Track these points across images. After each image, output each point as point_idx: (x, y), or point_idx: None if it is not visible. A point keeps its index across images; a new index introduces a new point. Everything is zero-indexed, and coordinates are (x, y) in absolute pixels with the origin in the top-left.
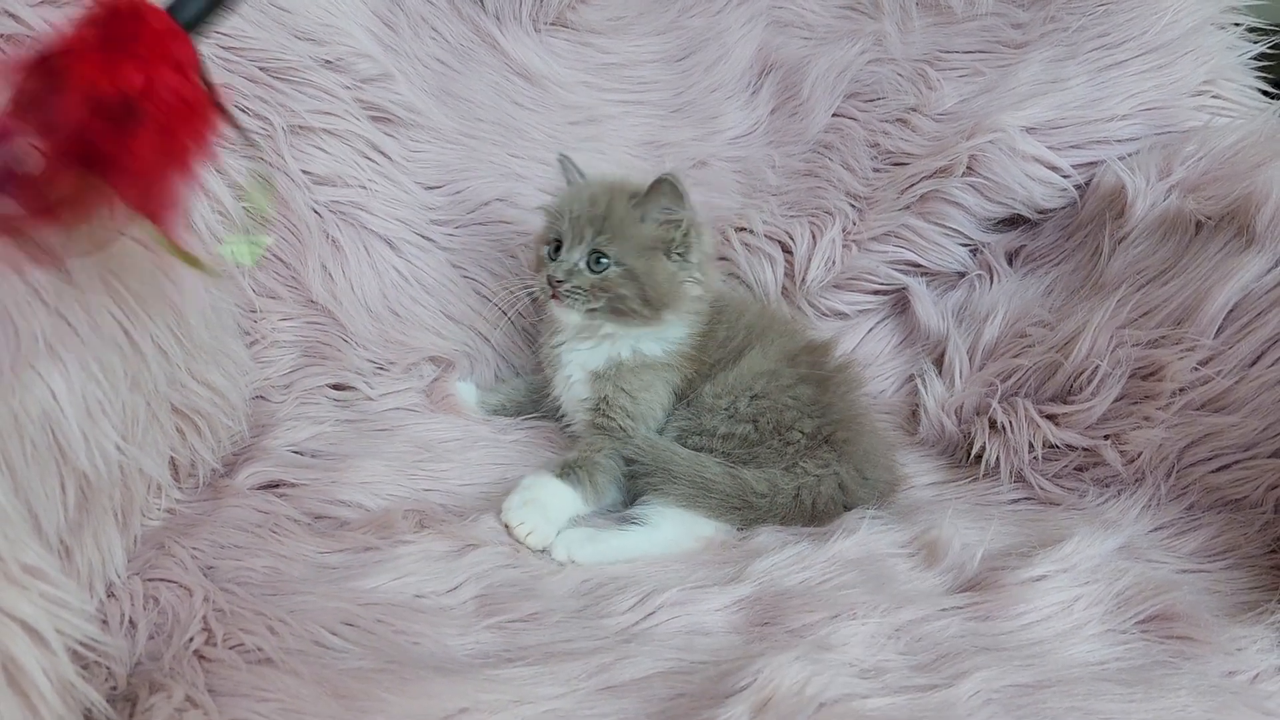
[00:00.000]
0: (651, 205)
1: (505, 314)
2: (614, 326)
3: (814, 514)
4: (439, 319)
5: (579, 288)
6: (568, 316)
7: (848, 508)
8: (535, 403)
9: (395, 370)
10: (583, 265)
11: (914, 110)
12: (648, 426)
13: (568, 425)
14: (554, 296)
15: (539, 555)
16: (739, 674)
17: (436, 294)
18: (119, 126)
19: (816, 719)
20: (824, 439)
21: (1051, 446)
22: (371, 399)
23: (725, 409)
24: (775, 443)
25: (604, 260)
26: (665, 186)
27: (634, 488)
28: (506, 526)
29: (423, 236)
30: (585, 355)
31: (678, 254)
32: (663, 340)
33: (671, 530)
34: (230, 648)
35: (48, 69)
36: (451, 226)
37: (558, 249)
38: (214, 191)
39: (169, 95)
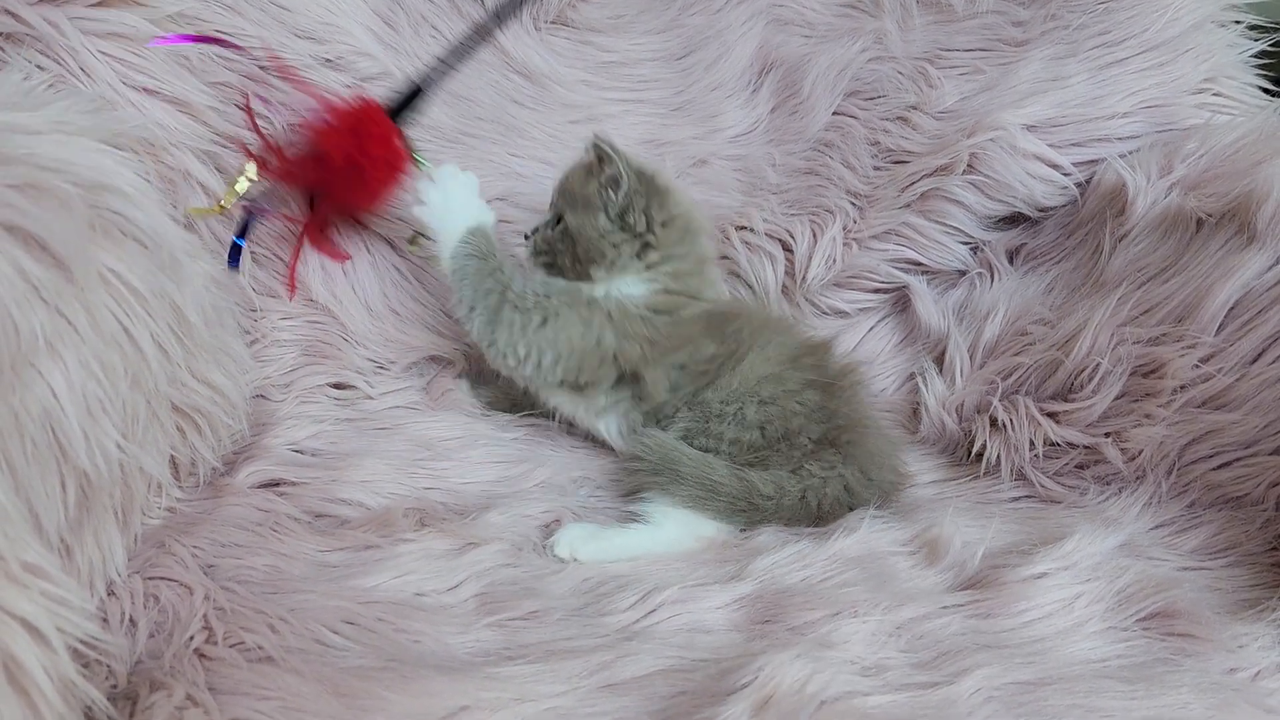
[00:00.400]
0: (597, 172)
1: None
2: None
3: (819, 515)
4: (439, 318)
5: (535, 243)
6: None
7: (852, 509)
8: (532, 396)
9: (395, 369)
10: (550, 221)
11: (915, 108)
12: (537, 358)
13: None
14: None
15: (540, 554)
16: (740, 672)
17: (437, 293)
18: (351, 174)
19: (817, 717)
20: (829, 442)
21: (1052, 444)
22: (371, 398)
23: (733, 415)
24: (783, 447)
25: (560, 222)
26: (598, 150)
27: (637, 484)
28: None
29: (422, 235)
30: None
31: (617, 216)
32: (606, 289)
33: (674, 530)
34: (231, 646)
35: (313, 142)
36: None
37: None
38: (214, 192)
39: (379, 157)
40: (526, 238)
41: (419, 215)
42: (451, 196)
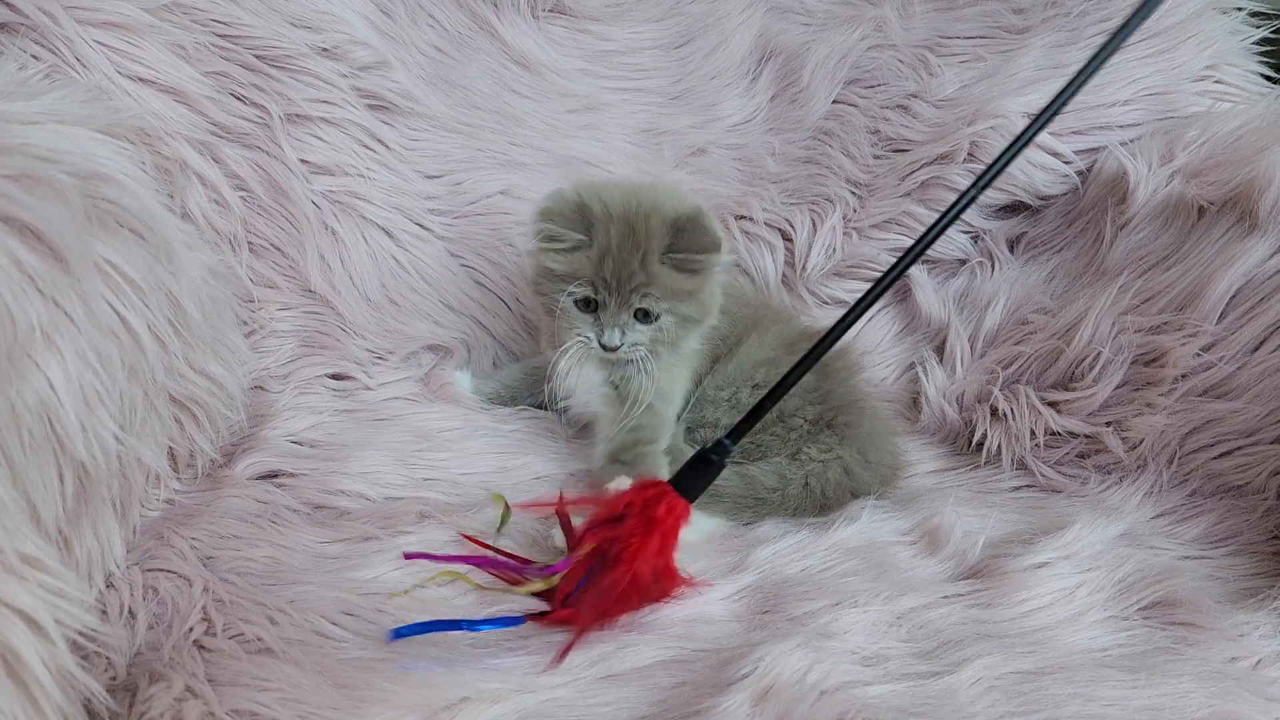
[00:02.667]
0: (688, 254)
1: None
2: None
3: (824, 501)
4: (437, 308)
5: (638, 344)
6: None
7: (854, 493)
8: (532, 390)
9: (394, 359)
10: (631, 320)
11: (915, 96)
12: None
13: (568, 411)
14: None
15: (541, 549)
16: (740, 662)
17: (435, 283)
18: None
19: (818, 707)
20: (825, 424)
21: (1053, 433)
22: (370, 388)
23: (727, 400)
24: (779, 429)
25: (651, 315)
26: (698, 238)
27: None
28: None
29: (421, 226)
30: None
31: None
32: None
33: None
34: (230, 638)
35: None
36: (450, 216)
37: (587, 304)
38: (211, 181)
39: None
40: (604, 347)
41: None
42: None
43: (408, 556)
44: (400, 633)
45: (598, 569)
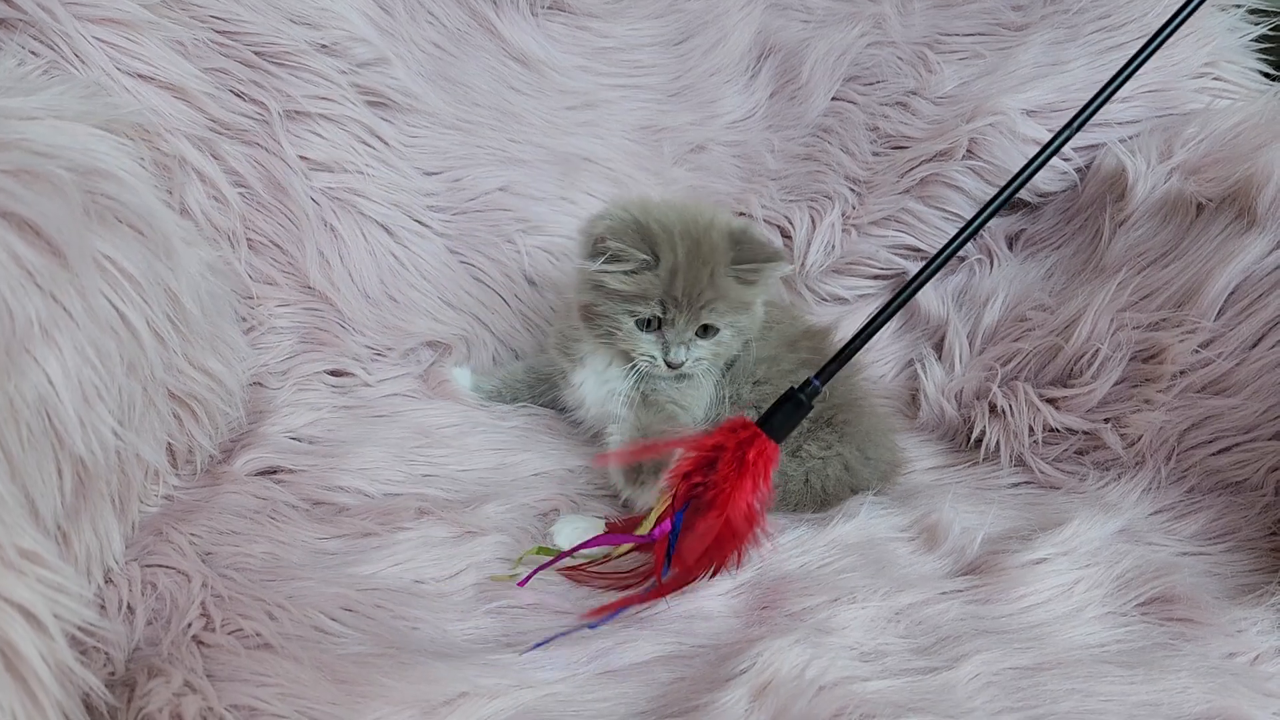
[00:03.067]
0: (750, 262)
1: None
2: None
3: (824, 497)
4: (436, 305)
5: (701, 359)
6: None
7: (854, 490)
8: (533, 389)
9: (393, 356)
10: (693, 337)
11: (914, 93)
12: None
13: (574, 418)
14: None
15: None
16: (739, 658)
17: (434, 280)
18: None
19: (816, 702)
20: (825, 421)
21: (1052, 430)
22: (369, 385)
23: (729, 397)
24: None
25: (711, 330)
26: (759, 249)
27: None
28: None
29: (420, 222)
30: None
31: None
32: None
33: None
34: (229, 633)
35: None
36: (449, 213)
37: (648, 323)
38: (210, 178)
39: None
40: (679, 364)
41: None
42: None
43: (521, 584)
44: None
45: (691, 515)
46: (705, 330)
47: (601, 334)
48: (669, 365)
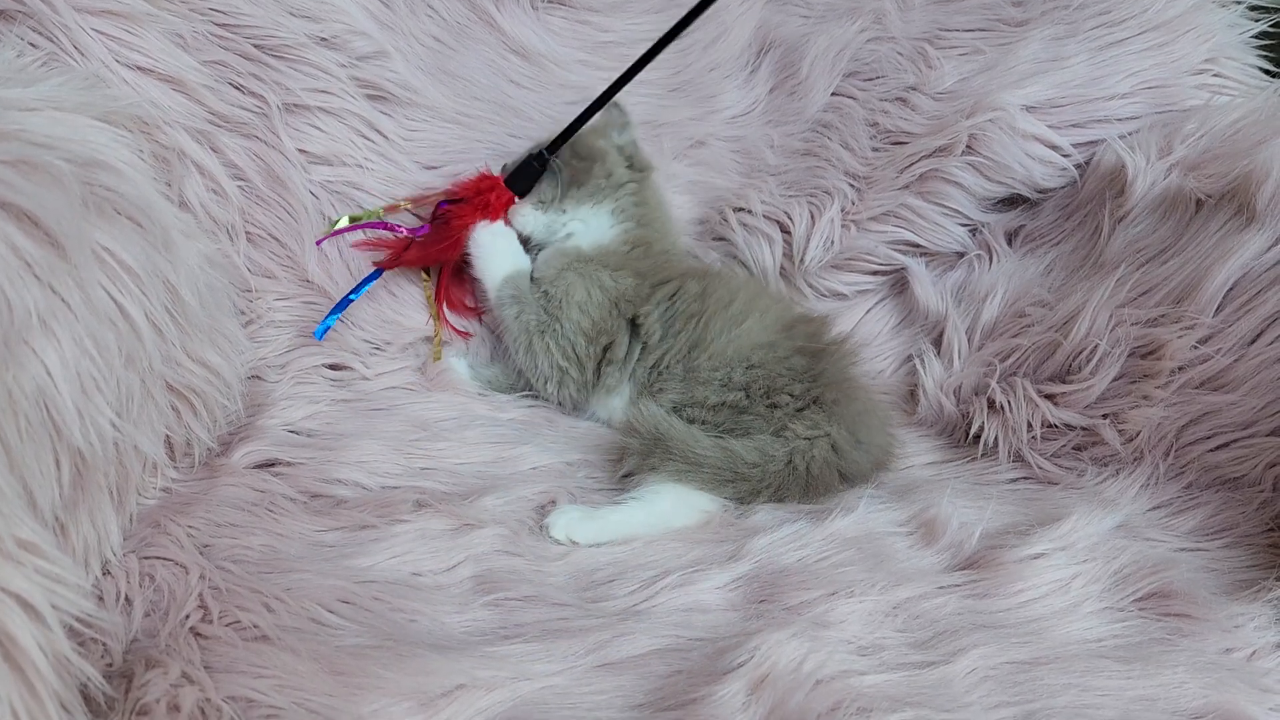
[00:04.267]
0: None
1: None
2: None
3: (809, 481)
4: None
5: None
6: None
7: (843, 474)
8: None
9: (391, 350)
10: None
11: (913, 89)
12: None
13: None
14: None
15: (536, 535)
16: (736, 651)
17: (432, 274)
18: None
19: (813, 695)
20: (812, 400)
21: (1050, 426)
22: (367, 378)
23: (720, 380)
24: (762, 408)
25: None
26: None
27: (630, 468)
28: None
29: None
30: None
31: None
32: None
33: (669, 504)
34: (226, 625)
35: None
36: None
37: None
38: (209, 170)
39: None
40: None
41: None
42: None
43: (319, 242)
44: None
45: (434, 230)
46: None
47: None
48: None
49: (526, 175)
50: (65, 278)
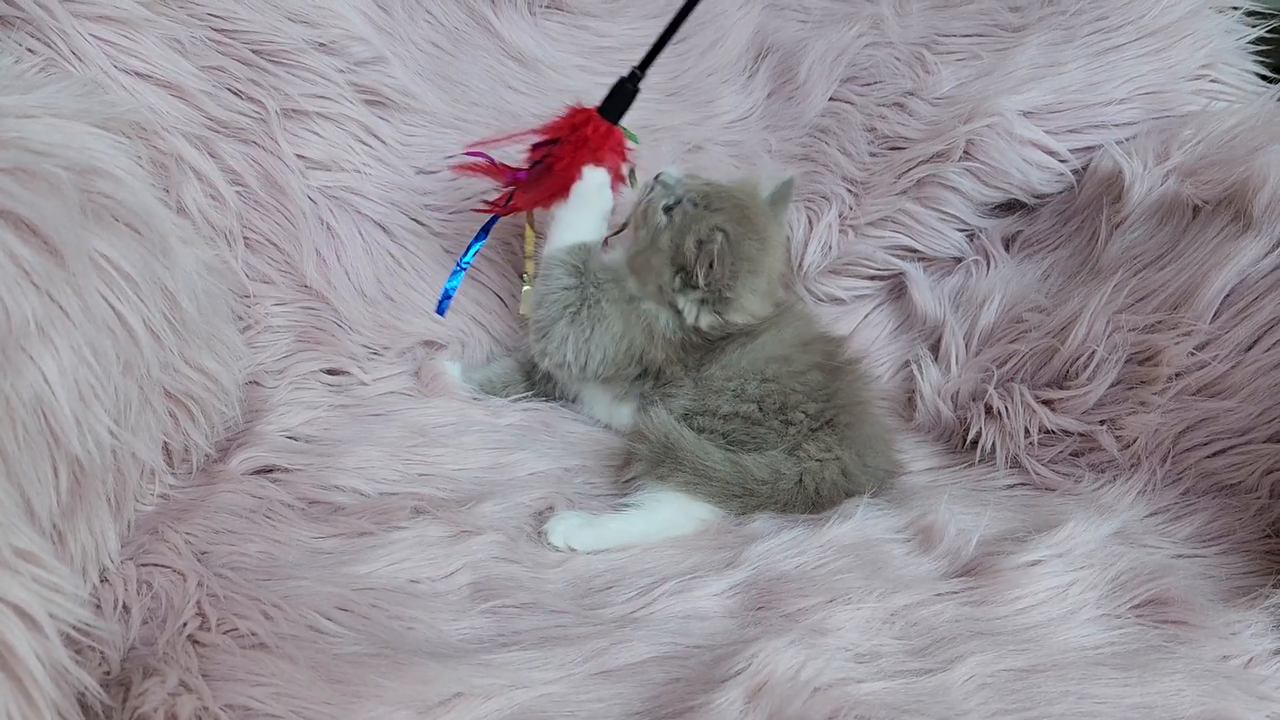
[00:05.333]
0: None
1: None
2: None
3: (817, 500)
4: (433, 304)
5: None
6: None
7: (849, 495)
8: (528, 376)
9: (389, 355)
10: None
11: (911, 94)
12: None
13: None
14: None
15: (534, 542)
16: (734, 659)
17: (430, 279)
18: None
19: (811, 703)
20: (826, 422)
21: (1047, 432)
22: (365, 384)
23: (733, 390)
24: (776, 423)
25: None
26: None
27: (636, 472)
28: None
29: (416, 221)
30: None
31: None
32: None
33: (669, 513)
34: (224, 633)
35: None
36: (446, 212)
37: None
38: (207, 176)
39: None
40: (668, 210)
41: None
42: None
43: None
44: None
45: (537, 174)
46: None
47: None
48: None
49: (621, 100)
50: (63, 285)
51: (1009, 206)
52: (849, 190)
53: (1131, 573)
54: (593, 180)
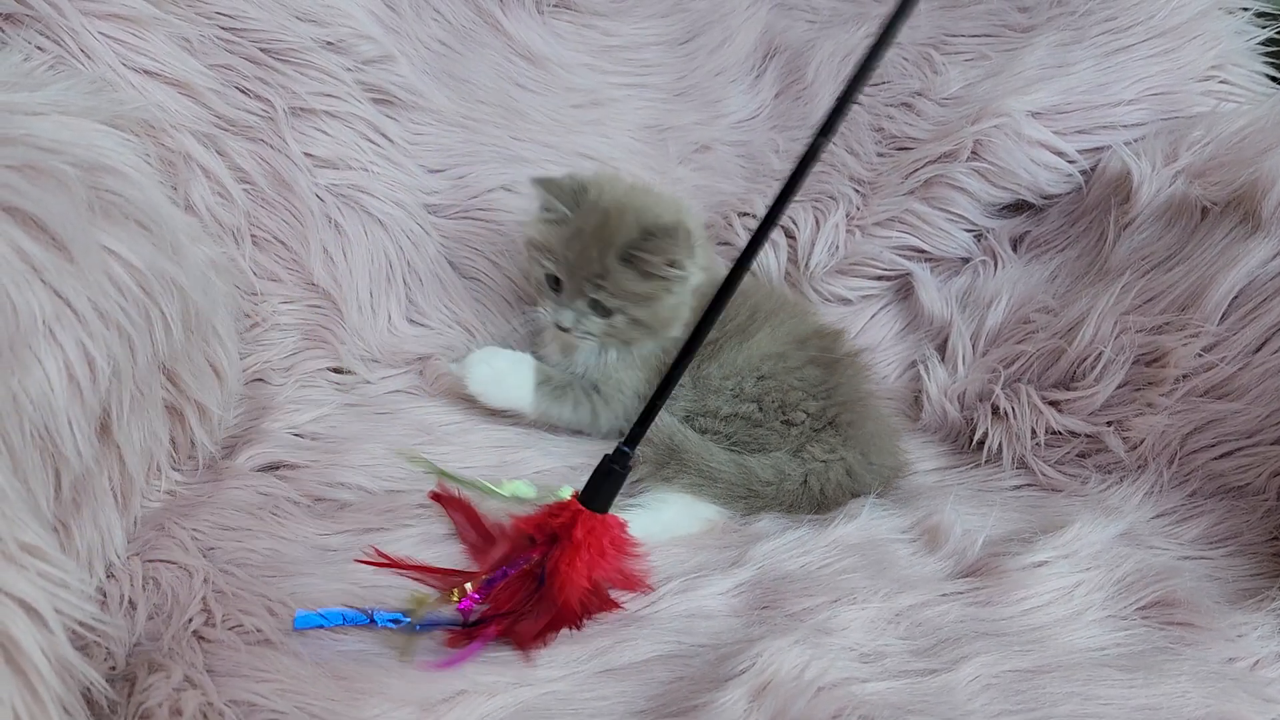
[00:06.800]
0: (647, 259)
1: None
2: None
3: (823, 501)
4: (437, 302)
5: (589, 333)
6: (580, 348)
7: (854, 494)
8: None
9: (394, 360)
10: (586, 309)
11: (919, 94)
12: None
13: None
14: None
15: None
16: (738, 658)
17: (437, 276)
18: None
19: (815, 703)
20: (829, 421)
21: (1054, 433)
22: (371, 382)
23: (731, 390)
24: (778, 424)
25: (607, 310)
26: (662, 246)
27: (642, 474)
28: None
29: (423, 219)
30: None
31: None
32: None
33: (674, 513)
34: (229, 629)
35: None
36: (452, 210)
37: (557, 284)
38: (215, 174)
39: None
40: (559, 327)
41: (476, 394)
42: (500, 370)
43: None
44: (302, 621)
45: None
46: (598, 308)
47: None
48: (557, 325)
49: (609, 488)
50: (71, 281)
51: (1017, 207)
52: (856, 190)
53: (1138, 574)
54: (482, 364)
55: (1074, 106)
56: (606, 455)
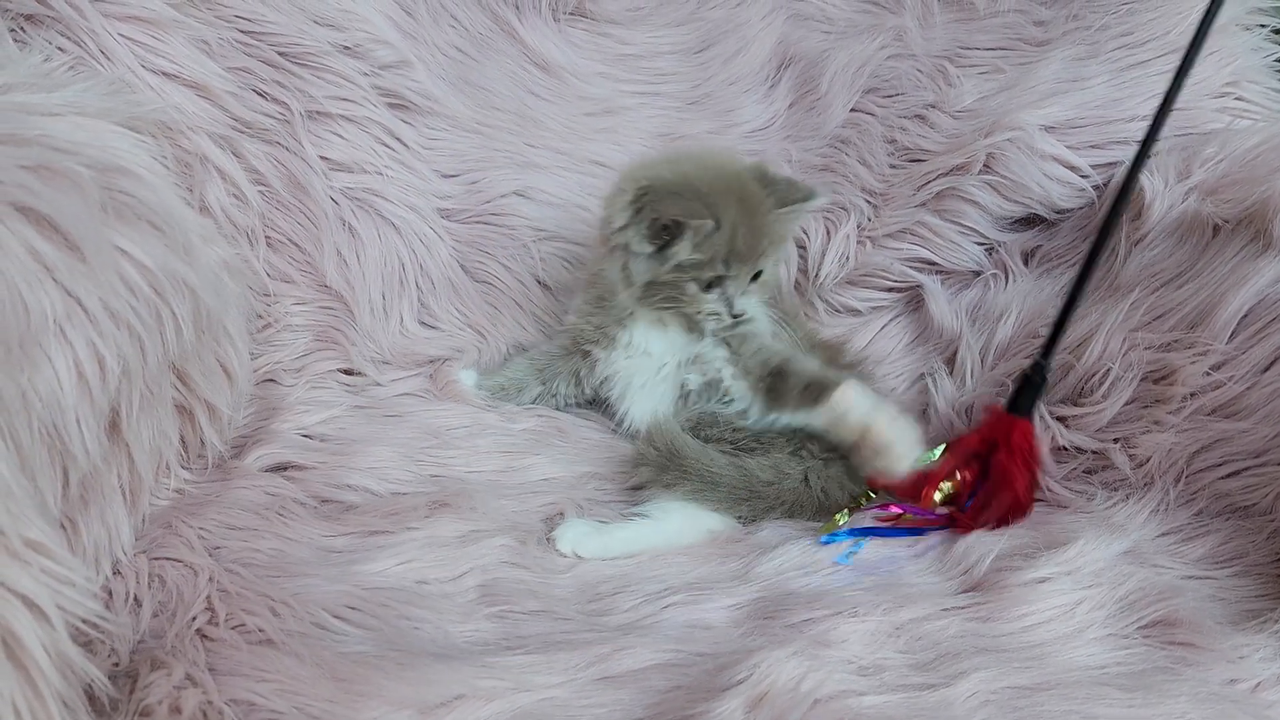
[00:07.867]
0: (792, 202)
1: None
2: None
3: (823, 500)
4: (448, 306)
5: (754, 304)
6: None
7: (855, 495)
8: (543, 379)
9: (405, 363)
10: (748, 285)
11: (933, 107)
12: None
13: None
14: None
15: (543, 547)
16: (736, 668)
17: (449, 281)
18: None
19: (811, 715)
20: None
21: (1061, 449)
22: (381, 384)
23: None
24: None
25: (759, 271)
26: (794, 186)
27: (644, 480)
28: None
29: (436, 224)
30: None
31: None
32: None
33: (677, 523)
34: (232, 628)
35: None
36: (465, 215)
37: (717, 282)
38: (231, 176)
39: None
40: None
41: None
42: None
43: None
44: (833, 537)
45: (986, 490)
46: (755, 276)
47: (661, 302)
48: (734, 317)
49: (1029, 395)
50: (83, 281)
51: (1029, 221)
52: (868, 201)
53: (1140, 593)
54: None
55: (1088, 121)
56: (1024, 370)
